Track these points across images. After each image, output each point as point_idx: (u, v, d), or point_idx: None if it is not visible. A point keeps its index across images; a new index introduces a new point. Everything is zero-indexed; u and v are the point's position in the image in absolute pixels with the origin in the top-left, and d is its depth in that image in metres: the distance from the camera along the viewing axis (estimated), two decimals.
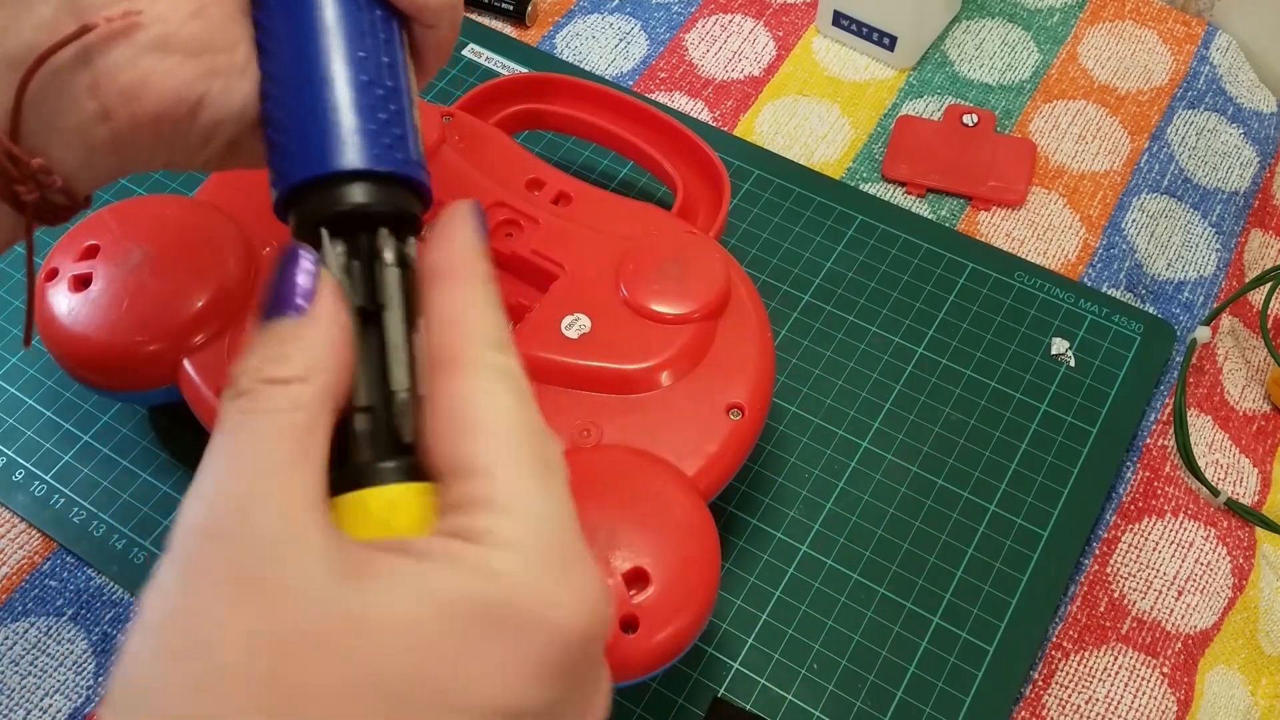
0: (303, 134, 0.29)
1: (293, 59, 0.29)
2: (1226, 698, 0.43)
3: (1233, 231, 0.55)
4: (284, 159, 0.29)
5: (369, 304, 0.27)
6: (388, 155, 0.28)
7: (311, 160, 0.28)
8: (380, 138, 0.29)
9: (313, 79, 0.29)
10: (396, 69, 0.30)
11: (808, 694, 0.42)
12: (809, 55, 0.61)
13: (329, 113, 0.28)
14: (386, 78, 0.29)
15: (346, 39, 0.29)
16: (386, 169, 0.28)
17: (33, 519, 0.46)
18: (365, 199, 0.28)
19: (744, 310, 0.44)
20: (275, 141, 0.29)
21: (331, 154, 0.28)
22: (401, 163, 0.29)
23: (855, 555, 0.45)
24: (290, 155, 0.29)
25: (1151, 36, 0.62)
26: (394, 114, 0.29)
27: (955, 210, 0.55)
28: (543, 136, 0.57)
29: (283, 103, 0.29)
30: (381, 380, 0.27)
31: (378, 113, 0.29)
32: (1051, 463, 0.47)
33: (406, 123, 0.30)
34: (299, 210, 0.28)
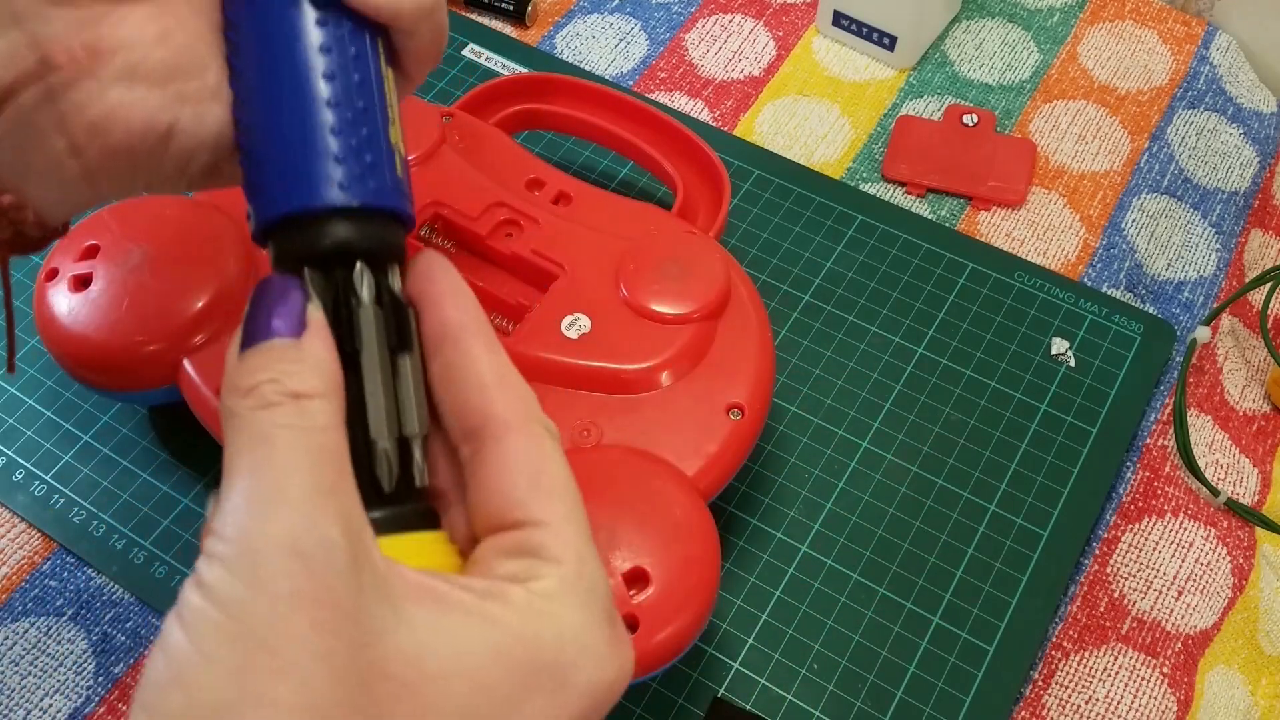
0: (268, 165, 0.27)
1: (257, 81, 0.28)
2: (1226, 698, 0.43)
3: (1233, 231, 0.55)
4: (253, 191, 0.28)
5: (347, 346, 0.26)
6: (357, 186, 0.27)
7: (277, 196, 0.27)
8: (349, 167, 0.27)
9: (276, 105, 0.27)
10: (369, 86, 0.28)
11: (808, 694, 0.42)
12: (809, 55, 0.61)
13: (293, 143, 0.27)
14: (357, 97, 0.28)
15: (311, 59, 0.27)
16: (356, 202, 0.27)
17: (33, 519, 0.46)
18: (337, 236, 0.27)
19: (744, 310, 0.44)
20: (245, 171, 0.28)
21: (295, 189, 0.27)
22: (373, 192, 0.27)
23: (855, 555, 0.45)
24: (258, 187, 0.28)
25: (1151, 36, 0.62)
26: (365, 139, 0.27)
27: (955, 210, 0.55)
28: (543, 136, 0.57)
29: (249, 129, 0.28)
30: (361, 423, 0.26)
31: (347, 139, 0.27)
32: (1051, 463, 0.47)
33: (380, 145, 0.28)
34: (276, 244, 0.28)
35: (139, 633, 0.44)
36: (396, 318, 0.27)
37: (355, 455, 0.25)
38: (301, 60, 0.27)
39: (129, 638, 0.44)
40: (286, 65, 0.27)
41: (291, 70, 0.27)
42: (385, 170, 0.28)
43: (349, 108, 0.27)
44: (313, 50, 0.27)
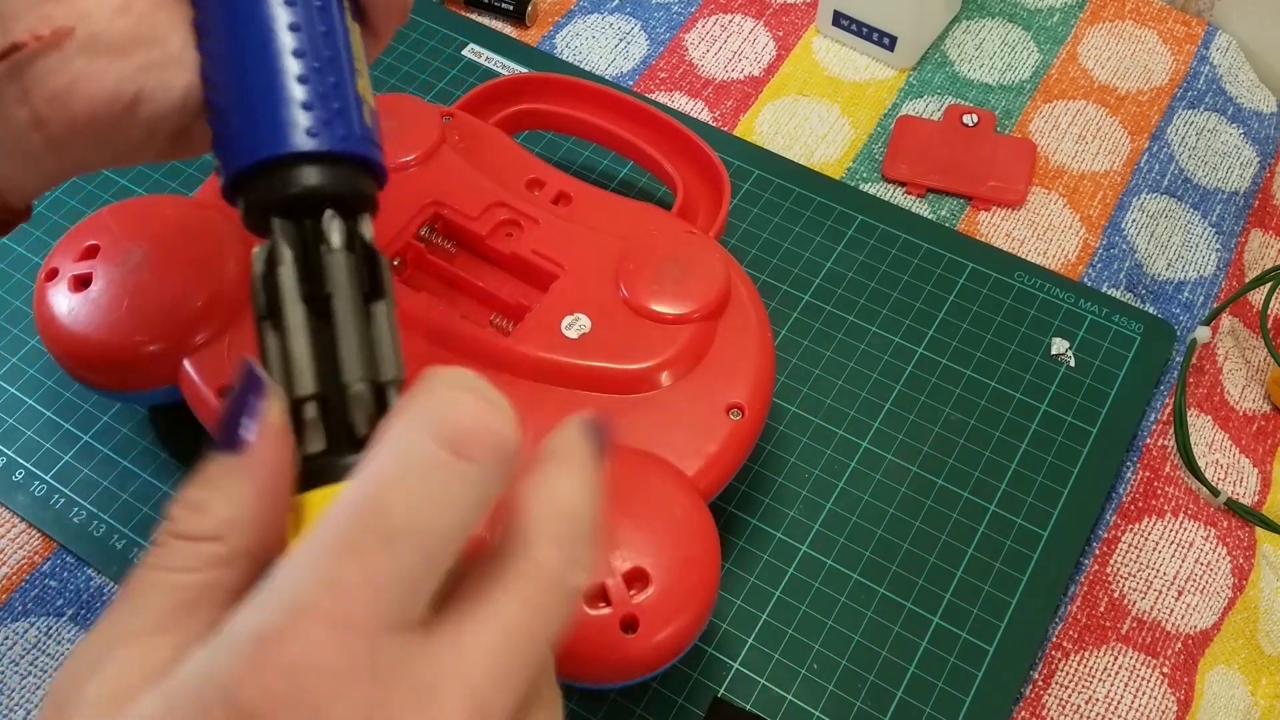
0: (237, 116, 0.27)
1: (223, 38, 0.28)
2: (1226, 698, 0.43)
3: (1233, 231, 0.55)
4: (222, 144, 0.28)
5: (319, 291, 0.26)
6: (326, 132, 0.27)
7: (245, 146, 0.27)
8: (316, 114, 0.27)
9: (243, 56, 0.27)
10: (334, 37, 0.28)
11: (808, 694, 0.42)
12: (809, 55, 0.61)
13: (259, 92, 0.27)
14: (323, 48, 0.28)
15: (277, 9, 0.28)
16: (325, 148, 0.27)
17: (33, 519, 0.46)
18: (306, 182, 0.27)
19: (744, 310, 0.44)
20: (214, 126, 0.28)
21: (263, 137, 0.27)
22: (341, 139, 0.27)
23: (855, 555, 0.45)
24: (226, 140, 0.28)
25: (1151, 36, 0.62)
26: (332, 86, 0.28)
27: (955, 210, 0.55)
28: (543, 136, 0.57)
29: (218, 84, 0.28)
30: (334, 369, 0.26)
31: (314, 87, 0.27)
32: (1051, 463, 0.47)
33: (348, 95, 0.28)
34: (246, 197, 0.28)
35: None
36: (369, 265, 0.27)
37: (331, 402, 0.25)
38: (267, 12, 0.28)
39: None
40: (252, 18, 0.28)
41: (257, 23, 0.27)
42: (353, 118, 0.28)
43: (315, 57, 0.28)
44: (278, 3, 0.28)
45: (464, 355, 0.42)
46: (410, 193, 0.46)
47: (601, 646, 0.36)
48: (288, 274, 0.26)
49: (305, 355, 0.25)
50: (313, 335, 0.26)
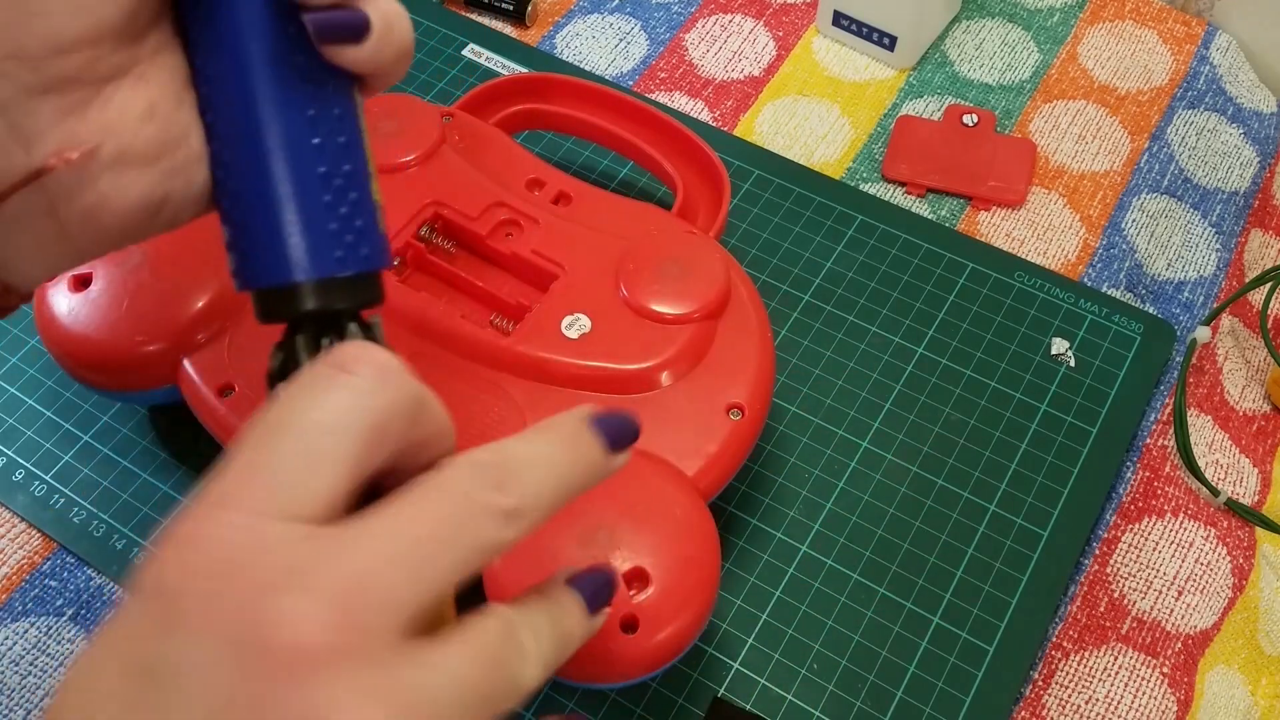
0: (261, 236, 0.27)
1: (241, 149, 0.27)
2: (1226, 698, 0.43)
3: (1233, 231, 0.55)
4: (242, 258, 0.28)
5: None
6: (352, 256, 0.27)
7: (273, 268, 0.27)
8: (343, 237, 0.27)
9: (265, 175, 0.27)
10: (355, 146, 0.28)
11: (808, 694, 0.42)
12: (809, 55, 0.61)
13: (288, 216, 0.27)
14: (345, 161, 0.27)
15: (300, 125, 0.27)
16: (353, 272, 0.27)
17: (33, 519, 0.46)
18: (334, 305, 0.27)
19: (744, 310, 0.44)
20: (230, 234, 0.28)
21: (294, 265, 0.27)
22: (365, 259, 0.28)
23: (855, 555, 0.45)
24: (248, 256, 0.28)
25: (1151, 36, 0.62)
26: (354, 204, 0.27)
27: (955, 210, 0.55)
28: (543, 136, 0.57)
29: (235, 196, 0.28)
30: None
31: (339, 207, 0.27)
32: (1051, 463, 0.47)
33: (368, 207, 0.28)
34: (262, 302, 0.28)
35: None
36: None
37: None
38: (292, 130, 0.27)
39: None
40: (275, 136, 0.27)
41: (282, 141, 0.27)
42: (374, 231, 0.28)
43: (339, 174, 0.27)
44: (303, 119, 0.27)
45: (464, 355, 0.42)
46: (410, 193, 0.46)
47: (601, 646, 0.36)
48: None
49: None
50: None
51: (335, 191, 0.27)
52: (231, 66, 0.27)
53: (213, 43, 0.27)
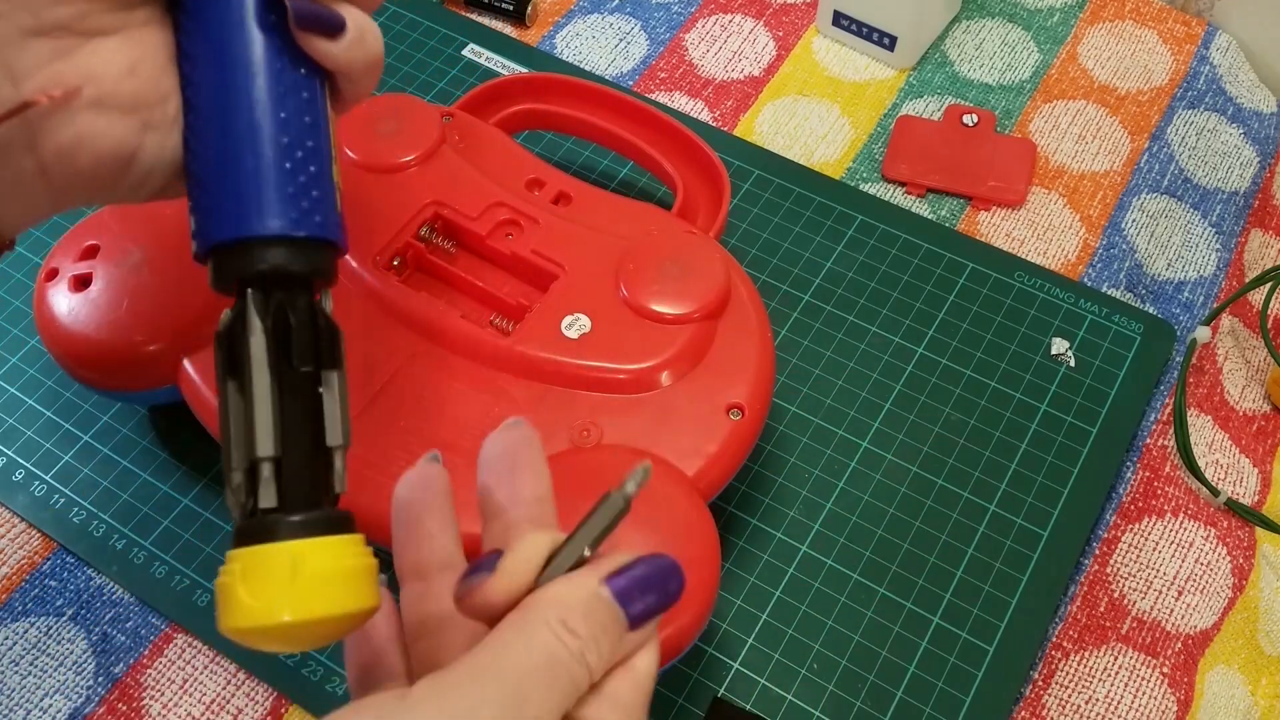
0: (222, 191, 0.29)
1: (216, 116, 0.30)
2: (1226, 698, 0.43)
3: (1233, 231, 0.55)
4: (203, 213, 0.30)
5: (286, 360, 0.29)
6: (306, 220, 0.29)
7: (231, 220, 0.29)
8: (299, 201, 0.29)
9: (235, 139, 0.29)
10: (318, 127, 0.30)
11: (808, 694, 0.42)
12: (809, 55, 0.61)
13: (250, 175, 0.29)
14: (308, 138, 0.30)
15: (270, 99, 0.29)
16: (305, 234, 0.29)
17: (33, 519, 0.46)
18: (286, 264, 0.29)
19: (744, 310, 0.44)
20: (196, 196, 0.30)
21: (249, 216, 0.29)
22: (319, 225, 0.30)
23: (855, 555, 0.45)
24: (208, 210, 0.29)
25: (1151, 36, 0.62)
26: (313, 175, 0.30)
27: (955, 210, 0.55)
28: (543, 136, 0.57)
29: (205, 159, 0.30)
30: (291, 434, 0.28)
31: (298, 175, 0.29)
32: (1051, 463, 0.47)
33: (326, 182, 0.30)
34: (219, 263, 0.30)
35: (139, 633, 0.44)
36: (330, 337, 0.30)
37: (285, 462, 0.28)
38: (262, 103, 0.29)
39: (129, 638, 0.43)
40: (247, 106, 0.29)
41: (251, 111, 0.29)
42: (330, 206, 0.30)
43: (300, 146, 0.30)
44: (272, 93, 0.29)
45: (464, 355, 0.43)
46: (410, 193, 0.46)
47: None
48: (258, 343, 0.28)
49: (268, 421, 0.28)
50: (275, 401, 0.28)
51: (296, 161, 0.29)
52: (212, 42, 0.29)
53: (197, 22, 0.30)
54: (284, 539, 0.27)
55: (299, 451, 0.28)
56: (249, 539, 0.27)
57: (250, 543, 0.27)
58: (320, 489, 0.29)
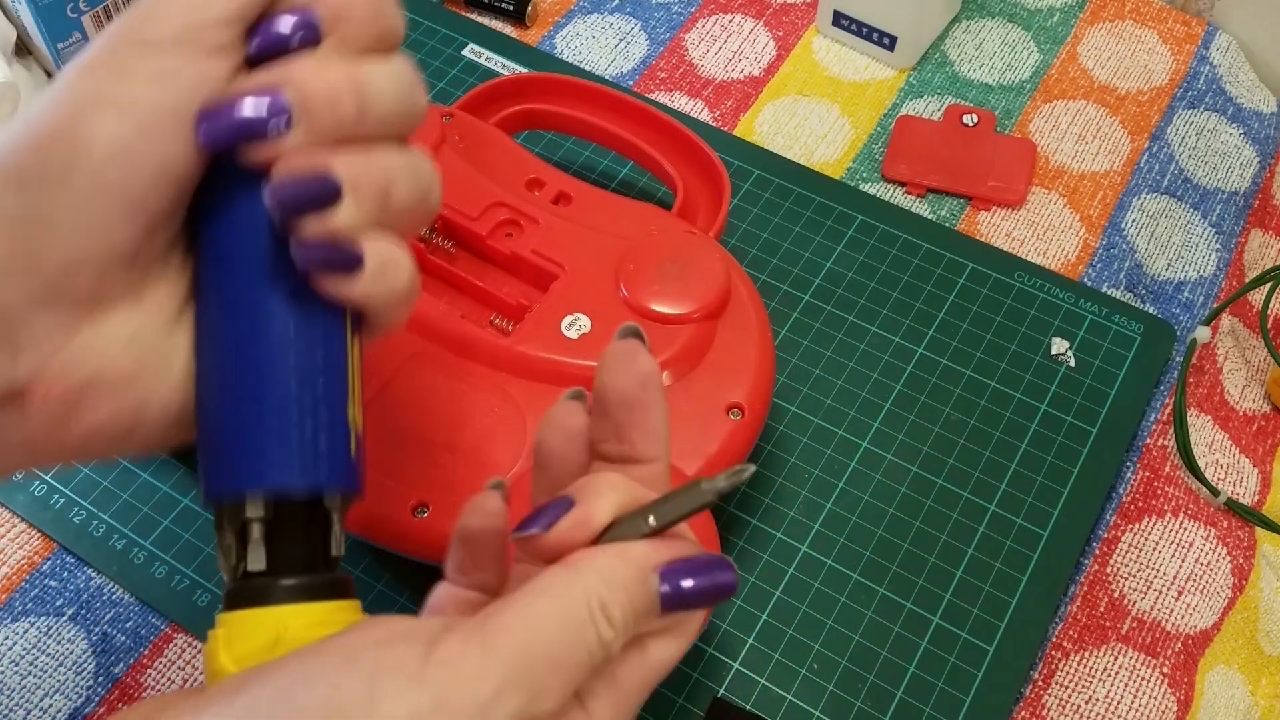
0: (231, 441, 0.27)
1: (216, 364, 0.28)
2: (1226, 698, 0.43)
3: (1233, 231, 0.55)
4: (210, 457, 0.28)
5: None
6: (309, 472, 0.27)
7: (235, 473, 0.27)
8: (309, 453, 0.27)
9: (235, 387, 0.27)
10: (333, 369, 0.28)
11: (808, 694, 0.42)
12: (809, 55, 0.61)
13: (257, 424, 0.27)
14: (322, 384, 0.28)
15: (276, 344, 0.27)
16: (311, 485, 0.27)
17: (33, 519, 0.46)
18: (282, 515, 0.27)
19: (744, 310, 0.44)
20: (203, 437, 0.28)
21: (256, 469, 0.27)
22: (327, 476, 0.28)
23: (855, 555, 0.45)
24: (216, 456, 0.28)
25: (1151, 36, 0.62)
26: (325, 424, 0.28)
27: (955, 210, 0.55)
28: (543, 136, 0.57)
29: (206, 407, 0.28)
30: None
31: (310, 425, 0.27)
32: (1051, 463, 0.47)
33: (340, 429, 0.28)
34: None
35: (139, 633, 0.44)
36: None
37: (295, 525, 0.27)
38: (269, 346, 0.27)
39: (129, 638, 0.43)
40: (253, 350, 0.27)
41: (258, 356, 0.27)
42: (341, 453, 0.28)
43: (309, 395, 0.27)
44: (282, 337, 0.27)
45: (464, 355, 0.42)
46: None
47: None
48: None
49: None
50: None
51: (307, 411, 0.27)
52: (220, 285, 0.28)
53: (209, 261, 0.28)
54: (271, 604, 0.26)
55: (292, 511, 0.27)
56: (237, 603, 0.26)
57: (237, 607, 0.26)
58: (315, 550, 0.28)
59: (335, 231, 0.27)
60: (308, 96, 0.26)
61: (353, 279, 0.27)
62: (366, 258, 0.27)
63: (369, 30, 0.27)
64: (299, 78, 0.26)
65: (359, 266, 0.27)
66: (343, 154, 0.27)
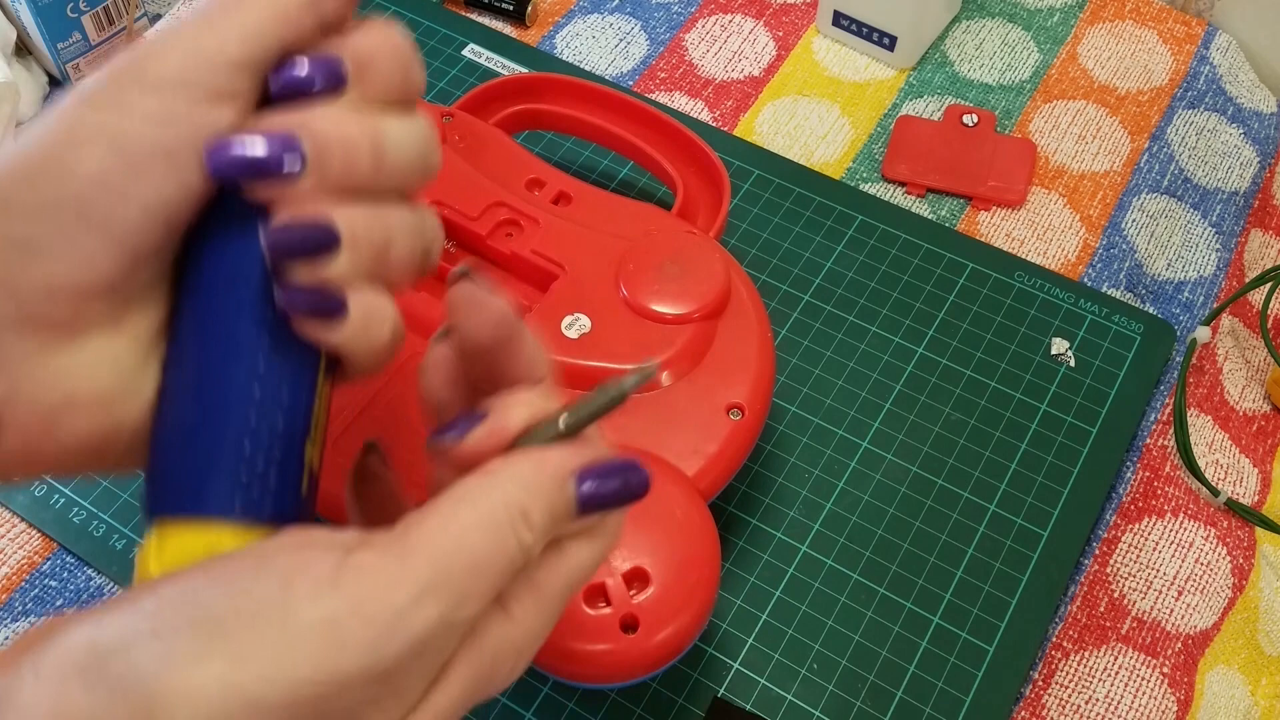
0: (175, 463, 0.27)
1: (179, 390, 0.28)
2: (1226, 698, 0.43)
3: (1233, 231, 0.55)
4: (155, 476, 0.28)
5: None
6: (253, 507, 0.27)
7: (178, 496, 0.27)
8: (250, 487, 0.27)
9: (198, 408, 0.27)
10: (297, 409, 0.28)
11: (808, 694, 0.42)
12: (809, 55, 0.61)
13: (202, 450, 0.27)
14: (281, 423, 0.28)
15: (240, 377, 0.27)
16: (250, 520, 0.27)
17: (33, 519, 0.46)
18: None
19: (744, 310, 0.44)
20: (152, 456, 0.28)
21: (198, 495, 0.27)
22: (270, 514, 0.27)
23: (855, 555, 0.45)
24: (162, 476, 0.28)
25: (1151, 36, 0.62)
26: (274, 459, 0.27)
27: (955, 210, 0.55)
28: (543, 136, 0.57)
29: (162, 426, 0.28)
30: None
31: (255, 460, 0.27)
32: (1051, 463, 0.47)
33: (291, 466, 0.28)
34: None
35: None
36: None
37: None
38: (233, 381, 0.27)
39: None
40: (216, 381, 0.27)
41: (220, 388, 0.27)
42: (290, 490, 0.28)
43: (267, 433, 0.27)
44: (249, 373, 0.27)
45: None
46: None
47: (601, 646, 0.36)
48: None
49: None
50: None
51: (261, 449, 0.27)
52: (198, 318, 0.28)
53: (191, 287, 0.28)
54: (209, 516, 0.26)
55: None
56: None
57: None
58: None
59: (325, 282, 0.26)
60: (325, 146, 0.26)
61: (334, 327, 0.27)
62: (351, 308, 0.27)
63: (393, 83, 0.27)
64: (318, 126, 0.26)
65: (342, 315, 0.27)
66: (349, 206, 0.26)
